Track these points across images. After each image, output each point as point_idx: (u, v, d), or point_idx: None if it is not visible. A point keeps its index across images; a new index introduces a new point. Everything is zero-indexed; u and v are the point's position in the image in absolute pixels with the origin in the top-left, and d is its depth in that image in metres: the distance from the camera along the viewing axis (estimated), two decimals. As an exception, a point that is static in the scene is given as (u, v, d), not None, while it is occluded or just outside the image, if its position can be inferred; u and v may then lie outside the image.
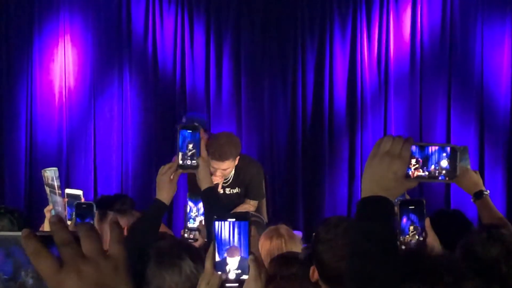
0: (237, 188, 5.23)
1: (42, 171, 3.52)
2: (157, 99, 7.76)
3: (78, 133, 7.60)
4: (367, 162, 1.65)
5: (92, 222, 3.19)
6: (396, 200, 2.52)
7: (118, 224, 1.04)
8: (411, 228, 2.54)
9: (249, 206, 5.27)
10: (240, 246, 1.91)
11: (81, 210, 3.23)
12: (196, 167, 2.79)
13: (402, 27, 7.62)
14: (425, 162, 1.66)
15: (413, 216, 2.55)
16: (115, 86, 7.72)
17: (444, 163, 1.66)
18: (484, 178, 7.24)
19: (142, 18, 7.78)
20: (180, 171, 2.83)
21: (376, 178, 1.61)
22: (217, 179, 4.92)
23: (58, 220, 0.99)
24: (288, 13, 7.83)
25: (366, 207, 1.62)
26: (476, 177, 3.36)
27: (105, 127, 7.67)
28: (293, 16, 7.82)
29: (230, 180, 5.21)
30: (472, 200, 3.36)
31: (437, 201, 7.18)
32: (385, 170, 1.60)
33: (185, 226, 3.47)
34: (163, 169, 2.85)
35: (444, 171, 1.67)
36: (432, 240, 2.55)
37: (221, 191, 5.13)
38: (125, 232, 2.99)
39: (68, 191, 3.48)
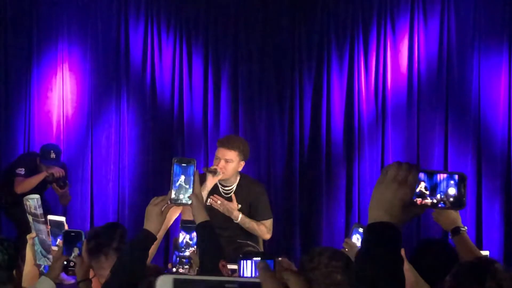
0: (238, 205, 5.14)
1: (24, 199, 3.49)
2: (155, 128, 7.77)
3: (75, 162, 7.59)
4: (374, 188, 1.65)
5: (79, 251, 3.16)
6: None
7: None
8: None
9: (264, 227, 5.20)
10: None
11: (69, 238, 3.18)
12: (188, 203, 2.78)
13: (399, 57, 7.65)
14: (432, 189, 1.65)
15: None
16: (112, 115, 7.73)
17: (452, 190, 1.65)
18: (482, 209, 7.24)
19: (140, 48, 7.82)
20: (172, 205, 2.81)
21: (383, 204, 1.60)
22: (218, 168, 4.93)
23: (267, 267, 0.93)
24: (286, 43, 7.87)
25: (372, 233, 1.61)
26: (455, 214, 3.37)
27: (103, 155, 7.67)
28: (290, 46, 7.86)
29: (232, 192, 5.14)
30: (450, 236, 3.38)
31: (435, 226, 7.17)
32: (392, 197, 1.60)
33: (177, 255, 3.46)
34: (156, 200, 2.83)
35: (451, 199, 1.65)
36: (406, 271, 2.52)
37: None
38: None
39: (50, 217, 3.45)
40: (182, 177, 2.78)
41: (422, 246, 3.66)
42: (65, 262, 3.18)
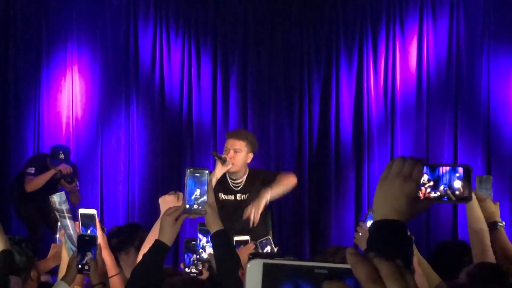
0: (248, 193, 5.14)
1: (50, 197, 3.51)
2: (164, 130, 7.78)
3: (85, 163, 7.60)
4: (378, 184, 1.63)
5: (94, 255, 3.16)
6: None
7: None
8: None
9: (284, 175, 5.21)
10: None
11: (83, 242, 3.17)
12: (202, 213, 2.78)
13: (408, 58, 7.64)
14: (436, 183, 1.63)
15: None
16: (122, 117, 7.74)
17: (457, 183, 1.63)
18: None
19: (149, 50, 7.83)
20: (186, 215, 2.81)
21: (388, 200, 1.58)
22: (228, 157, 4.99)
23: (357, 252, 0.90)
24: (294, 45, 7.87)
25: (379, 231, 1.58)
26: (494, 208, 3.32)
27: (112, 157, 7.69)
28: (299, 47, 7.86)
29: (241, 186, 5.17)
30: None
31: (445, 229, 7.15)
32: (397, 192, 1.57)
33: (190, 257, 3.46)
34: (169, 210, 2.82)
35: (457, 192, 1.64)
36: (419, 277, 2.52)
37: (232, 198, 5.12)
38: None
39: (81, 210, 3.44)
40: (196, 187, 2.78)
41: (441, 248, 3.64)
42: (79, 265, 3.19)
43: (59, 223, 3.55)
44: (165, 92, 7.81)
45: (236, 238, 3.98)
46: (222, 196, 5.11)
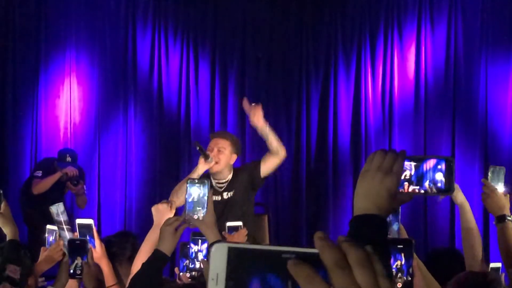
0: (233, 190, 5.12)
1: (49, 208, 3.50)
2: (162, 135, 7.78)
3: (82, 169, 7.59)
4: (359, 177, 1.58)
5: (85, 259, 3.16)
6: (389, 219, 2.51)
7: None
8: (398, 267, 2.49)
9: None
10: None
11: (73, 246, 3.16)
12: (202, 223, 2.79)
13: (406, 64, 7.65)
14: (419, 176, 1.61)
15: (400, 256, 2.50)
16: (120, 122, 7.74)
17: (439, 175, 1.61)
18: (489, 218, 7.21)
19: (147, 55, 7.83)
20: (186, 225, 2.82)
21: (369, 194, 1.54)
22: (212, 154, 4.99)
23: (326, 237, 0.86)
24: (293, 50, 7.88)
25: (358, 226, 1.53)
26: (504, 200, 3.28)
27: (110, 162, 7.68)
28: (297, 52, 7.87)
29: (226, 185, 5.13)
30: (494, 222, 3.31)
31: (442, 234, 7.15)
32: (378, 187, 1.53)
33: (184, 263, 3.46)
34: (169, 220, 2.82)
35: (439, 184, 1.62)
36: (419, 281, 2.51)
37: (219, 198, 5.05)
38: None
39: (78, 221, 3.43)
40: (196, 197, 2.79)
41: (433, 256, 3.65)
42: (71, 271, 3.18)
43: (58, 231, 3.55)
44: (163, 97, 7.82)
45: (229, 224, 3.99)
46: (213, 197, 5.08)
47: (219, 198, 5.08)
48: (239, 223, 4.05)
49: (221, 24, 7.95)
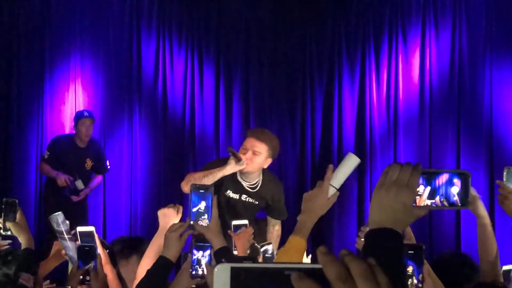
0: (258, 202, 4.96)
1: (49, 218, 3.49)
2: (167, 140, 7.79)
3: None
4: (375, 191, 1.58)
5: (95, 265, 3.15)
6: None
7: None
8: (409, 273, 2.49)
9: (276, 231, 5.06)
10: None
11: (83, 252, 3.16)
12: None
13: (411, 68, 7.64)
14: (434, 190, 1.59)
15: (411, 262, 2.50)
16: (125, 128, 7.76)
17: (455, 189, 1.60)
18: (495, 222, 7.19)
19: (152, 61, 7.85)
20: (190, 231, 2.83)
21: (384, 208, 1.54)
22: (244, 157, 4.62)
23: (328, 252, 0.87)
24: (297, 54, 7.89)
25: (374, 240, 1.53)
26: None
27: (115, 168, 7.69)
28: (301, 58, 7.87)
29: (253, 191, 4.91)
30: None
31: (448, 239, 7.13)
32: (393, 200, 1.53)
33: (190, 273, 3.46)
34: (174, 226, 2.83)
35: (455, 198, 1.60)
36: (429, 287, 2.50)
37: (237, 197, 4.89)
38: None
39: (79, 229, 3.43)
40: (200, 204, 2.80)
41: (441, 261, 3.63)
42: (81, 277, 3.19)
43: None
44: (168, 103, 7.83)
45: (234, 222, 3.97)
46: (230, 194, 4.89)
47: (237, 197, 4.91)
48: (245, 222, 4.01)
49: (225, 30, 7.97)
